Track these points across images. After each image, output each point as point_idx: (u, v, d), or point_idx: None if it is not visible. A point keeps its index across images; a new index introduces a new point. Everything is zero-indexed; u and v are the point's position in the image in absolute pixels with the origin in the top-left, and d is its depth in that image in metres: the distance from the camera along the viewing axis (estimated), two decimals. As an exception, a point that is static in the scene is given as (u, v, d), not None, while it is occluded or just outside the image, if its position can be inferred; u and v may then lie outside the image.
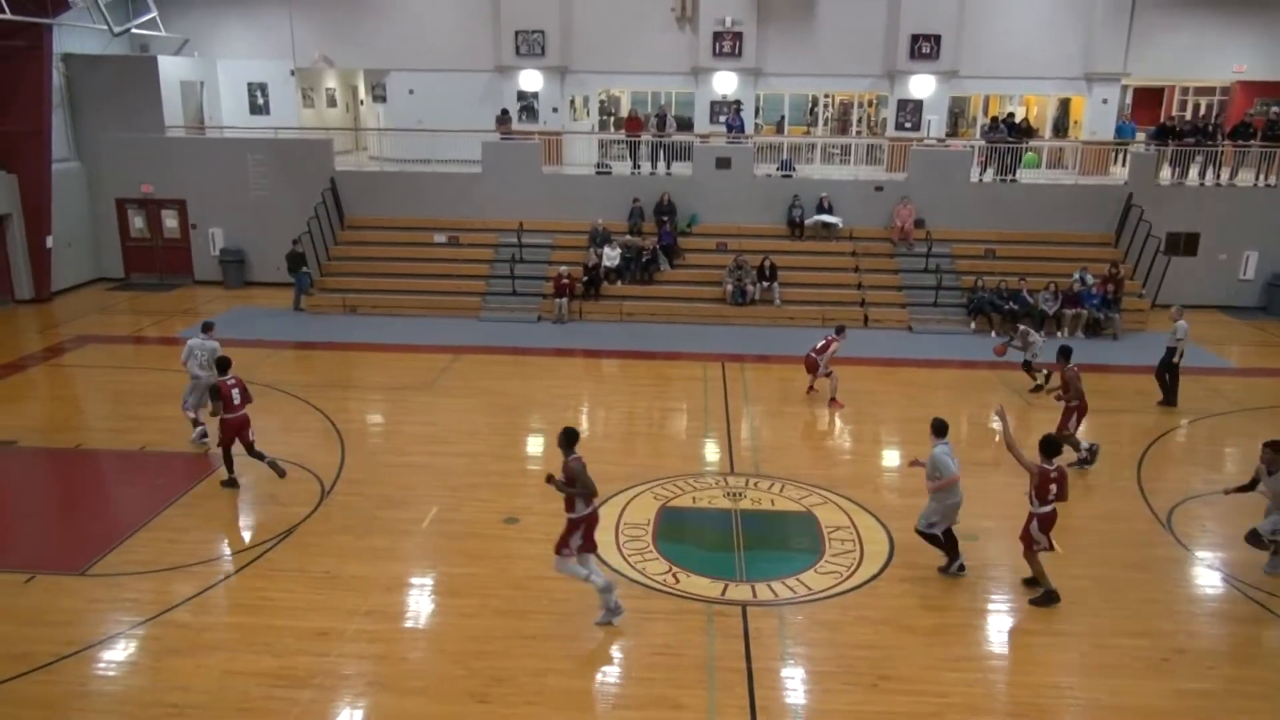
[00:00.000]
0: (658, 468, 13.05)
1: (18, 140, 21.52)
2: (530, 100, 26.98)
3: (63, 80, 23.33)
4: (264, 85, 27.80)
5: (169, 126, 24.22)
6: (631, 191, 23.25)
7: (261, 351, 18.50)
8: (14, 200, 21.81)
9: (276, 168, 23.76)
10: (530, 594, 9.78)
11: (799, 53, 26.32)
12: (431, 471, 12.88)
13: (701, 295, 21.73)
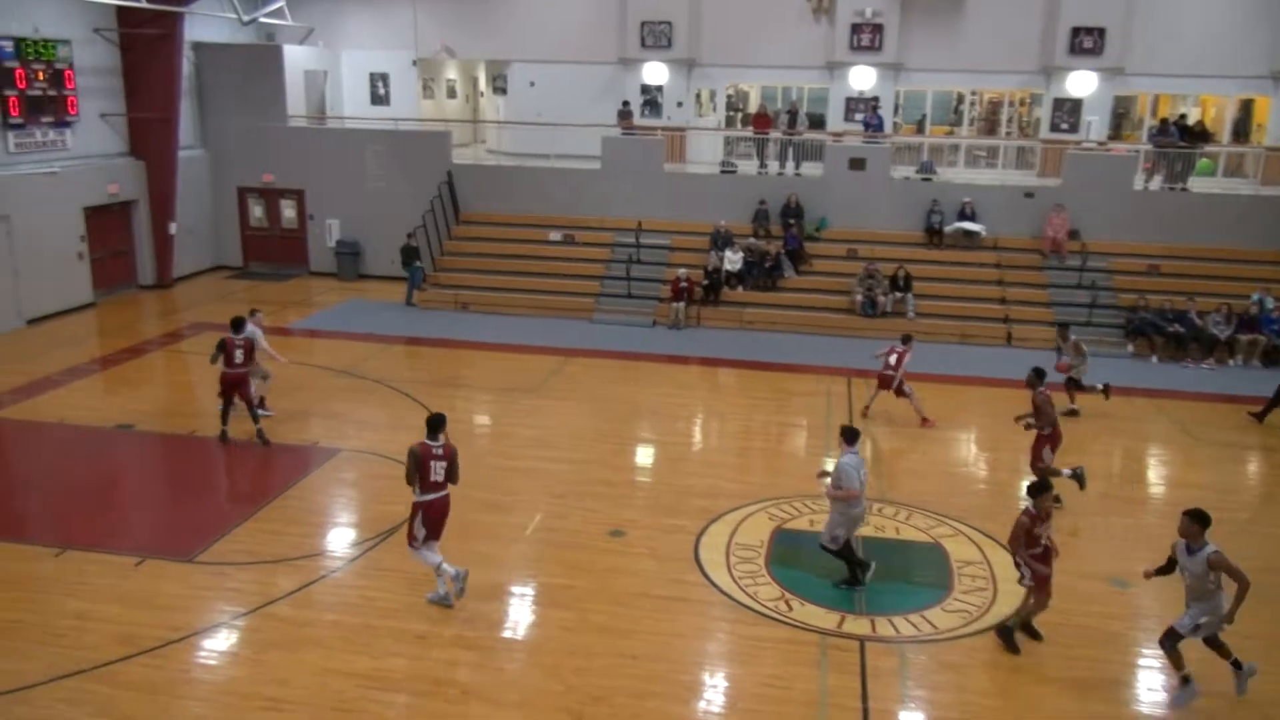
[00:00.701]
0: (773, 486, 12.92)
1: (148, 127, 22.97)
2: (654, 94, 27.18)
3: (192, 68, 24.78)
4: (385, 76, 28.88)
5: (291, 116, 25.42)
6: (757, 192, 23.14)
7: (372, 346, 19.19)
8: (142, 186, 23.27)
9: (394, 159, 24.63)
10: (634, 612, 9.80)
11: (945, 46, 25.70)
12: (537, 477, 13.09)
13: (828, 304, 21.44)
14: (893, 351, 15.64)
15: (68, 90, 20.86)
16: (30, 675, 8.51)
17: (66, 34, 20.77)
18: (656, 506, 12.30)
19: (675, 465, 13.79)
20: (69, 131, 21.14)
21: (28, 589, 9.98)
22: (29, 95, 19.87)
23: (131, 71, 22.66)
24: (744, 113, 29.47)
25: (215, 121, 25.44)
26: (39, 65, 20.05)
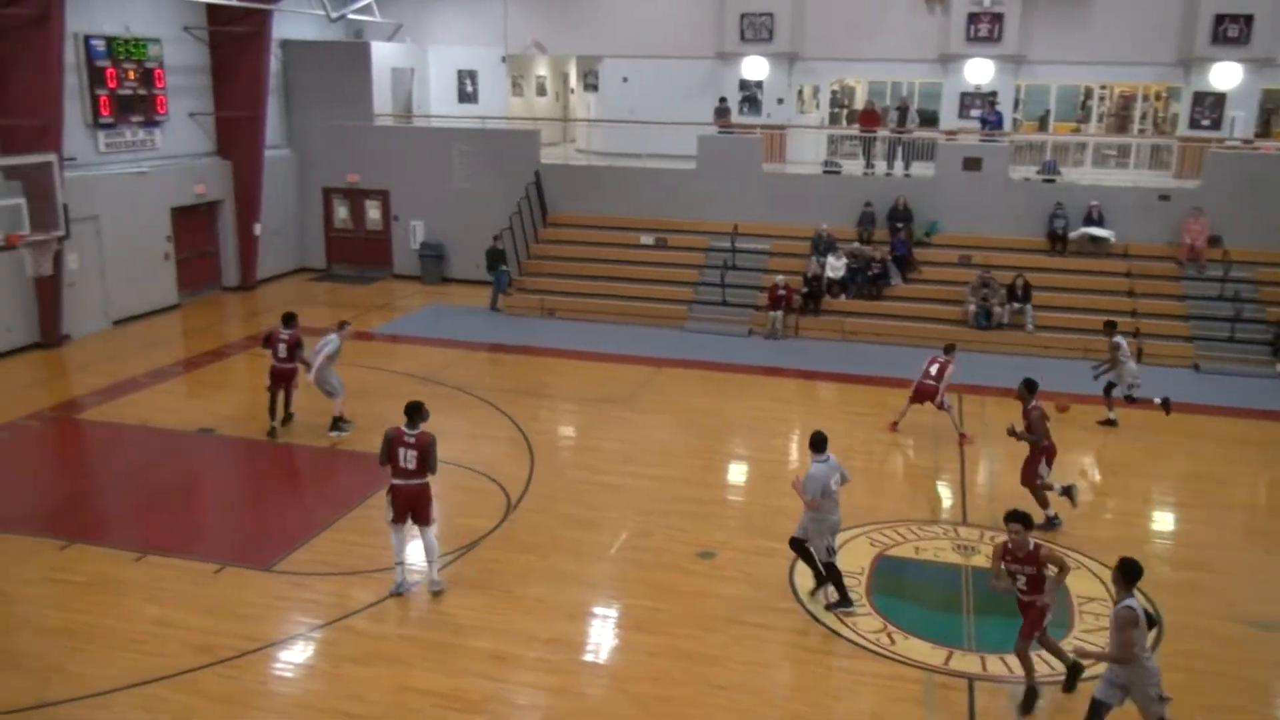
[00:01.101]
0: (875, 509, 12.73)
1: (235, 126, 23.91)
2: (753, 90, 27.13)
3: (279, 66, 25.70)
4: (473, 73, 29.49)
5: (378, 114, 26.14)
6: (863, 194, 22.89)
7: (455, 352, 19.57)
8: (228, 186, 24.23)
9: (481, 159, 25.10)
10: (723, 638, 9.77)
11: (1071, 37, 25.03)
12: (624, 493, 13.15)
13: (938, 315, 21.07)
14: (934, 361, 15.46)
15: (157, 89, 21.85)
16: (109, 680, 8.90)
17: (157, 33, 21.77)
18: (749, 527, 12.24)
19: (769, 484, 13.69)
20: (158, 131, 22.13)
21: (108, 593, 10.45)
22: (119, 94, 20.87)
23: (220, 70, 23.63)
24: (849, 109, 29.20)
25: (301, 120, 26.32)
26: (129, 64, 21.05)
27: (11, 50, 17.31)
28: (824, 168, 24.42)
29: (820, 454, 10.25)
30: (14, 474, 13.78)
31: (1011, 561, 8.62)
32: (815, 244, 22.28)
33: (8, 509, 12.31)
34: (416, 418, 10.28)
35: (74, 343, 19.81)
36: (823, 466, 10.15)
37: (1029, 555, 8.52)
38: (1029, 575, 8.57)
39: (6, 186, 14.34)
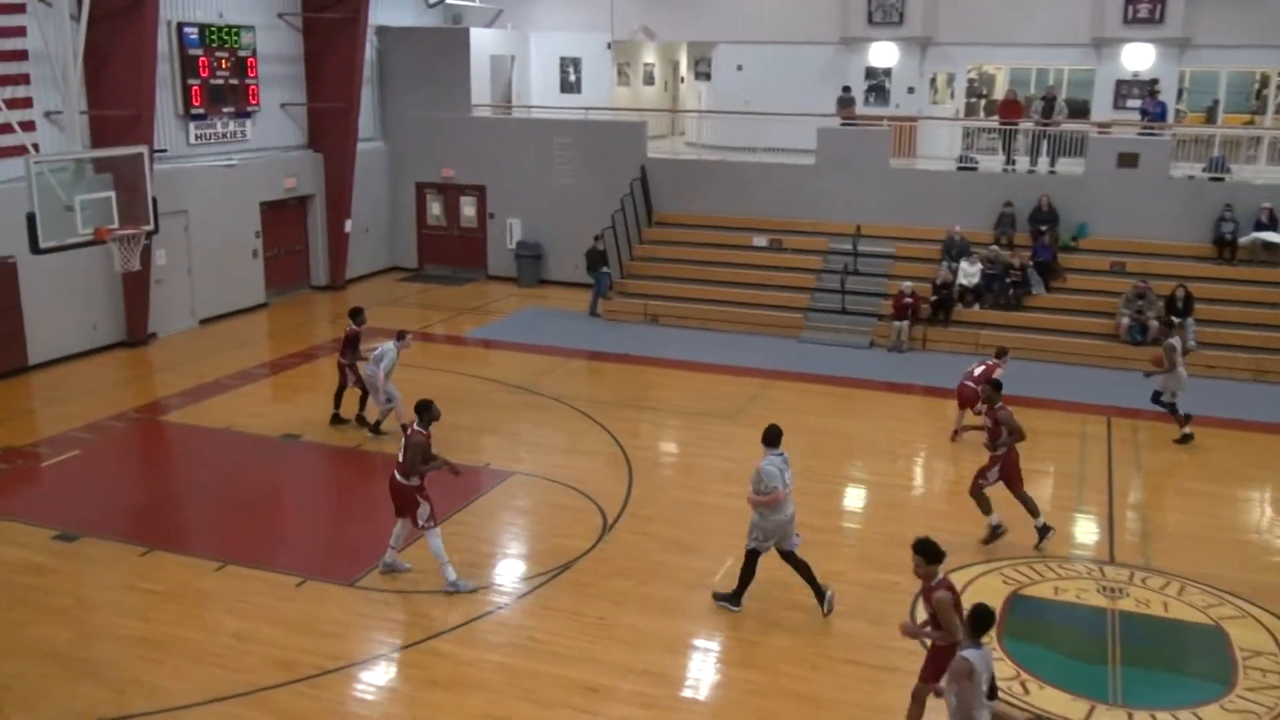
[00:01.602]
0: (1010, 544, 12.42)
1: (327, 117, 24.69)
2: (880, 79, 26.84)
3: (374, 54, 26.43)
4: (577, 60, 29.84)
5: (475, 105, 26.66)
6: (1002, 193, 22.40)
7: (551, 359, 19.81)
8: (319, 181, 25.02)
9: (584, 153, 25.37)
10: (835, 679, 9.65)
11: (1244, 17, 24.09)
12: (729, 516, 13.06)
13: (1086, 328, 20.48)
14: (982, 364, 15.54)
15: (249, 79, 22.71)
16: (187, 695, 9.24)
17: (250, 20, 22.63)
18: (867, 559, 12.07)
19: (891, 511, 13.49)
20: (249, 122, 22.99)
21: (189, 603, 10.86)
22: (211, 84, 21.77)
23: (313, 58, 24.44)
24: (988, 99, 28.64)
25: (395, 112, 27.01)
26: (223, 53, 21.94)
27: (105, 39, 18.17)
28: (958, 164, 23.97)
29: (773, 448, 10.69)
30: (97, 476, 14.46)
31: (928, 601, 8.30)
32: (947, 248, 21.88)
33: (90, 512, 12.91)
34: (426, 416, 11.16)
35: (160, 341, 20.71)
36: (778, 460, 10.59)
37: (927, 591, 8.26)
38: (931, 613, 8.31)
39: (97, 179, 15.04)
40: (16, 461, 14.64)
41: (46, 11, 15.58)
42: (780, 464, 10.57)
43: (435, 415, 11.31)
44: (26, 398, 17.37)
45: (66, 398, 17.22)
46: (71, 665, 9.69)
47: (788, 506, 10.62)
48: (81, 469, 14.56)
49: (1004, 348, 16.11)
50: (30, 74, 17.83)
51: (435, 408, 11.35)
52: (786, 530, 10.64)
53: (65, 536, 12.25)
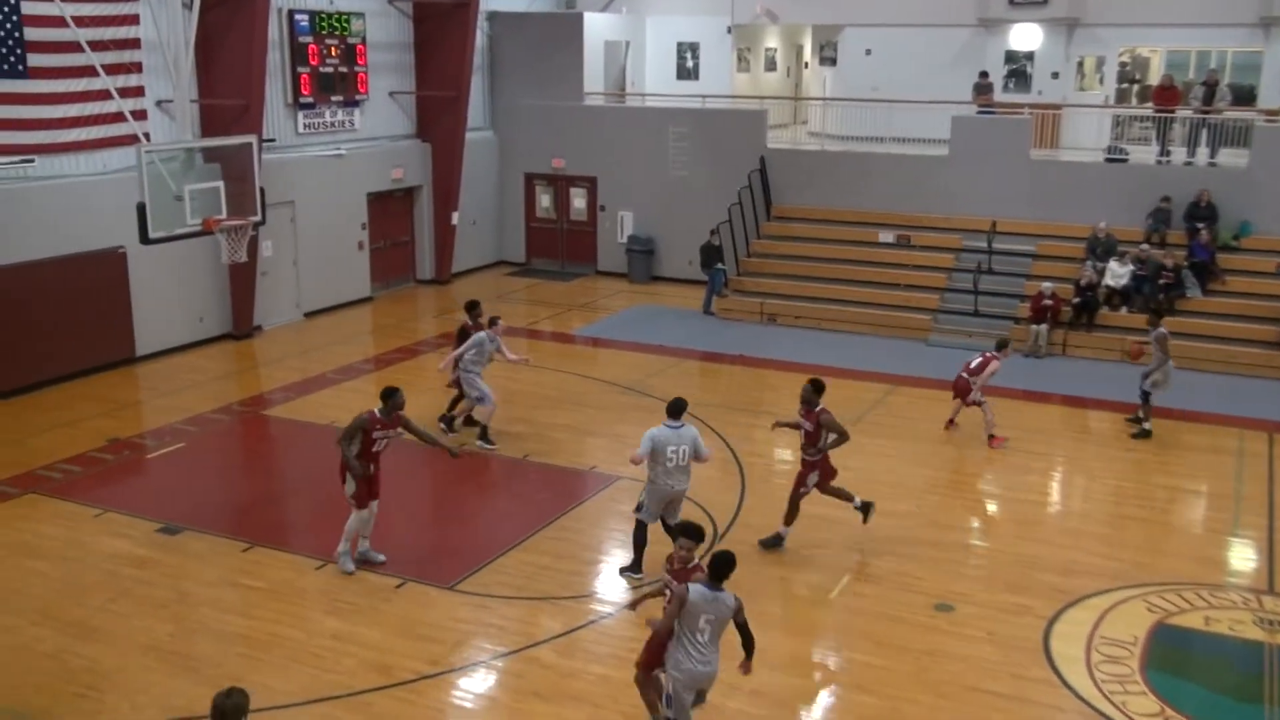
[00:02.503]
0: (1154, 568, 12.06)
1: (436, 106, 25.21)
2: (1022, 63, 26.28)
3: (485, 41, 26.89)
4: (695, 45, 29.89)
5: (587, 93, 26.91)
6: (1156, 187, 21.71)
7: (663, 359, 19.90)
8: (426, 171, 25.57)
9: (700, 142, 25.41)
10: (961, 708, 9.49)
11: None
12: (846, 529, 12.98)
13: (1247, 335, 19.75)
14: (980, 357, 15.87)
15: (359, 66, 23.34)
16: (285, 695, 9.56)
17: (361, 6, 23.25)
18: (996, 579, 11.84)
19: (1023, 529, 13.19)
20: (357, 111, 23.63)
21: (290, 601, 11.23)
22: (321, 72, 22.44)
23: (423, 46, 24.99)
24: (1142, 85, 27.77)
25: (505, 100, 27.44)
26: (333, 40, 22.60)
27: (217, 26, 18.89)
28: (1107, 154, 23.30)
29: (673, 420, 11.34)
30: (201, 469, 15.05)
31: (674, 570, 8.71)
32: (1091, 246, 21.30)
33: (194, 505, 13.46)
34: (390, 403, 11.68)
35: (264, 334, 21.44)
36: (669, 432, 11.16)
37: (683, 572, 8.55)
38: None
39: (206, 169, 15.65)
40: (123, 453, 15.33)
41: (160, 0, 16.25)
42: (671, 435, 11.18)
43: (398, 404, 11.72)
44: (133, 389, 18.17)
45: (172, 390, 17.97)
46: (172, 660, 10.11)
47: (672, 479, 11.29)
48: (186, 462, 15.18)
49: (1005, 339, 16.27)
50: (143, 62, 18.64)
51: (399, 396, 11.79)
52: (672, 503, 11.46)
53: (169, 529, 12.79)
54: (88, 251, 18.17)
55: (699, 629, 7.93)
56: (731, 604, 8.02)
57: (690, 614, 7.91)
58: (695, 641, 7.96)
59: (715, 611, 7.96)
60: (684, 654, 8.00)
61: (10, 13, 16.68)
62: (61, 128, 17.65)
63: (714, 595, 7.97)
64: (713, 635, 8.03)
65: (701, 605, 7.90)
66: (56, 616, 10.87)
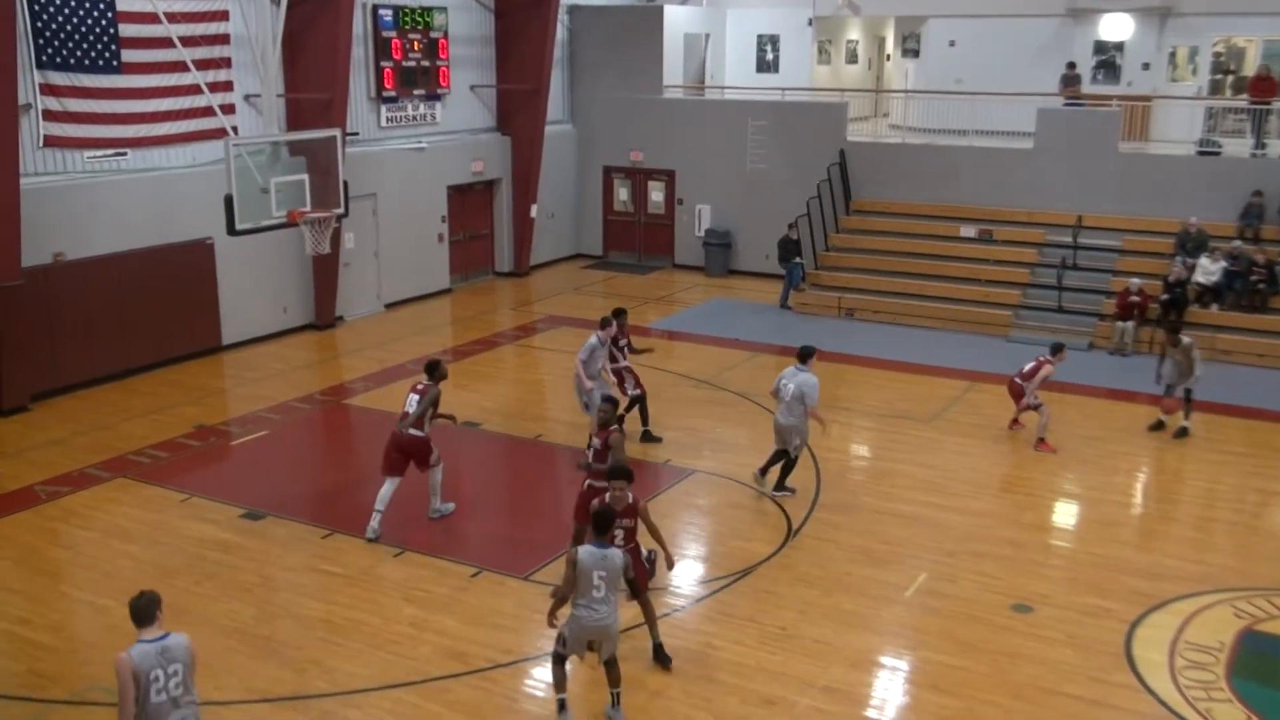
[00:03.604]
0: (1243, 573, 11.77)
1: (516, 99, 25.41)
2: (1111, 54, 25.76)
3: (565, 34, 27.03)
4: (775, 38, 29.76)
5: (666, 86, 26.92)
6: (1250, 181, 21.15)
7: (738, 353, 19.87)
8: (506, 164, 25.80)
9: (779, 136, 25.29)
10: (1039, 711, 9.35)
11: None
12: (924, 527, 12.86)
13: (1345, 335, 19.13)
14: (1034, 361, 15.53)
15: (441, 60, 23.62)
16: (363, 679, 9.75)
17: (444, 1, 23.50)
18: (1077, 581, 11.64)
19: (1105, 531, 12.96)
20: (438, 105, 23.92)
21: (368, 588, 11.43)
22: (404, 67, 22.75)
23: (504, 39, 25.20)
24: (1237, 76, 27.02)
25: (585, 93, 27.58)
26: (415, 35, 22.89)
27: (303, 22, 19.24)
28: (1199, 148, 22.74)
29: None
30: (283, 457, 15.39)
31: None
32: (1181, 242, 20.82)
33: (276, 492, 13.77)
34: (435, 374, 12.34)
35: (346, 325, 21.83)
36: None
37: (628, 509, 9.71)
38: (626, 529, 9.80)
39: (291, 162, 15.95)
40: (209, 439, 15.72)
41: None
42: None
43: (442, 374, 12.52)
44: (219, 377, 18.62)
45: (257, 379, 18.37)
46: (255, 643, 10.37)
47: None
48: (269, 449, 15.53)
49: (1060, 343, 15.92)
50: (231, 58, 19.07)
51: (443, 366, 12.62)
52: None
53: (252, 515, 13.10)
54: (177, 242, 18.66)
55: (594, 585, 8.58)
56: (619, 562, 8.69)
57: (584, 573, 8.56)
58: (590, 596, 8.59)
59: (606, 568, 8.59)
60: (580, 606, 8.65)
61: (105, 9, 17.17)
62: (153, 122, 18.16)
63: (602, 553, 8.63)
64: (608, 590, 8.63)
65: (592, 563, 8.57)
66: (145, 598, 11.20)
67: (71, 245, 17.21)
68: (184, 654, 7.21)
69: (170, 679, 7.11)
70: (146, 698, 7.03)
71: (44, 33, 16.58)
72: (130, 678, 6.97)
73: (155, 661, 7.05)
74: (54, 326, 17.01)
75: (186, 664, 7.23)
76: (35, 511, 13.24)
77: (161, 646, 7.13)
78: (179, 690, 7.15)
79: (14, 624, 10.70)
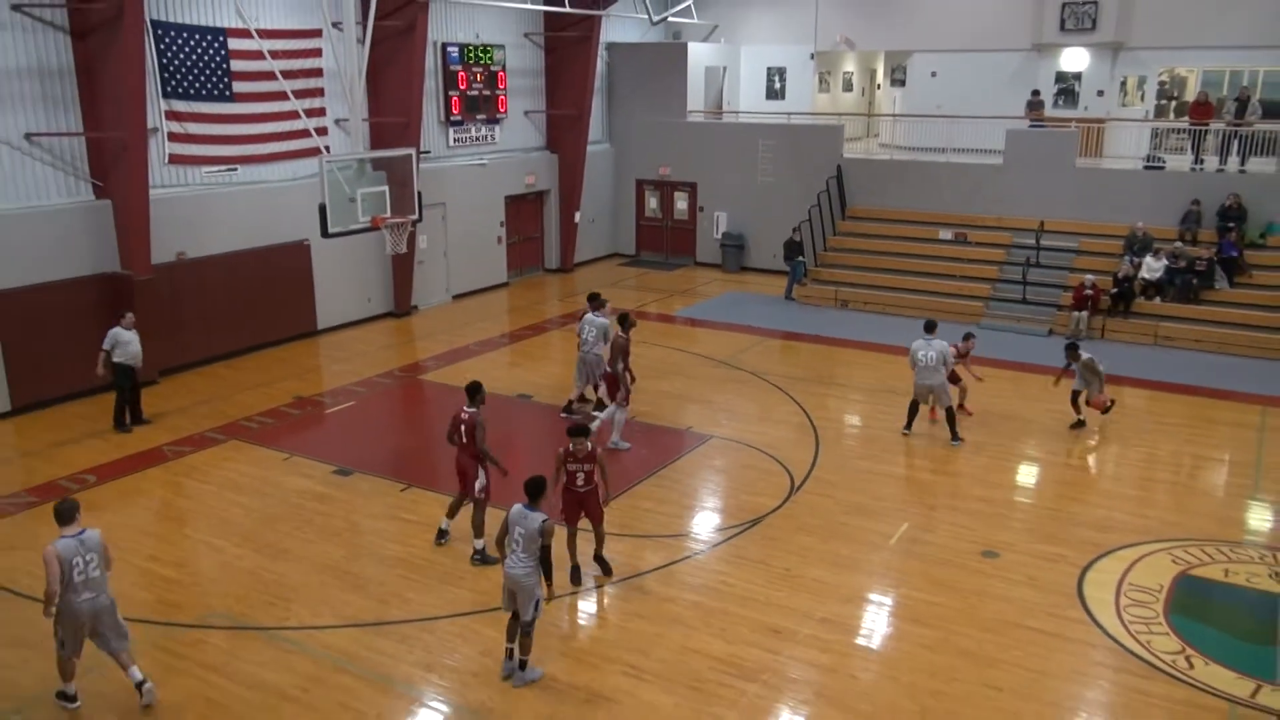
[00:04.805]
0: (1179, 526, 11.65)
1: (563, 123, 25.36)
2: (1070, 83, 25.33)
3: (604, 67, 26.92)
4: (782, 70, 29.49)
5: (690, 111, 26.78)
6: (1189, 191, 20.80)
7: (750, 337, 19.80)
8: (554, 178, 25.77)
9: (785, 153, 25.11)
10: (1003, 640, 9.31)
11: None
12: (907, 485, 12.82)
13: (1270, 323, 18.81)
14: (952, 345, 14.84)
15: (499, 90, 23.58)
16: (435, 608, 9.84)
17: (501, 39, 23.47)
18: (1037, 532, 11.56)
19: (1062, 489, 12.86)
20: (497, 127, 23.89)
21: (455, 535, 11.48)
22: (468, 95, 22.74)
23: (552, 72, 25.14)
24: (1179, 101, 26.55)
25: (620, 117, 27.47)
26: (478, 68, 22.87)
27: (384, 57, 19.30)
28: (1146, 163, 22.37)
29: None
30: (368, 423, 15.50)
31: (572, 461, 9.96)
32: (1129, 243, 20.53)
33: (363, 452, 13.87)
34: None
35: (420, 313, 21.91)
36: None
37: (588, 455, 9.96)
38: (587, 472, 10.06)
39: (374, 176, 15.98)
40: (306, 408, 15.86)
41: (339, 36, 16.63)
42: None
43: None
44: (314, 356, 18.76)
45: (345, 358, 18.49)
46: (345, 578, 10.47)
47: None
48: (356, 417, 15.64)
49: (969, 332, 15.44)
50: (324, 88, 19.13)
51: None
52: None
53: (342, 471, 13.21)
54: (279, 244, 18.77)
55: (515, 539, 8.45)
56: (536, 524, 8.39)
57: (510, 526, 8.49)
58: (513, 549, 8.47)
59: (525, 526, 8.42)
60: (508, 555, 8.52)
61: (220, 48, 17.27)
62: (259, 142, 18.26)
63: (526, 513, 8.48)
64: (524, 546, 8.42)
65: (516, 520, 8.47)
66: (254, 540, 11.33)
67: (192, 246, 17.37)
68: (97, 545, 8.00)
69: (89, 565, 7.91)
70: (70, 578, 7.81)
71: (168, 68, 16.69)
72: (56, 563, 7.76)
73: (76, 550, 7.85)
74: (178, 314, 17.19)
75: (99, 553, 7.99)
76: (163, 468, 13.42)
77: (80, 540, 7.91)
78: (96, 572, 7.96)
79: (146, 560, 10.87)
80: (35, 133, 15.15)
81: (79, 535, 7.91)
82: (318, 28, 18.52)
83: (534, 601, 8.52)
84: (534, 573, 8.50)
